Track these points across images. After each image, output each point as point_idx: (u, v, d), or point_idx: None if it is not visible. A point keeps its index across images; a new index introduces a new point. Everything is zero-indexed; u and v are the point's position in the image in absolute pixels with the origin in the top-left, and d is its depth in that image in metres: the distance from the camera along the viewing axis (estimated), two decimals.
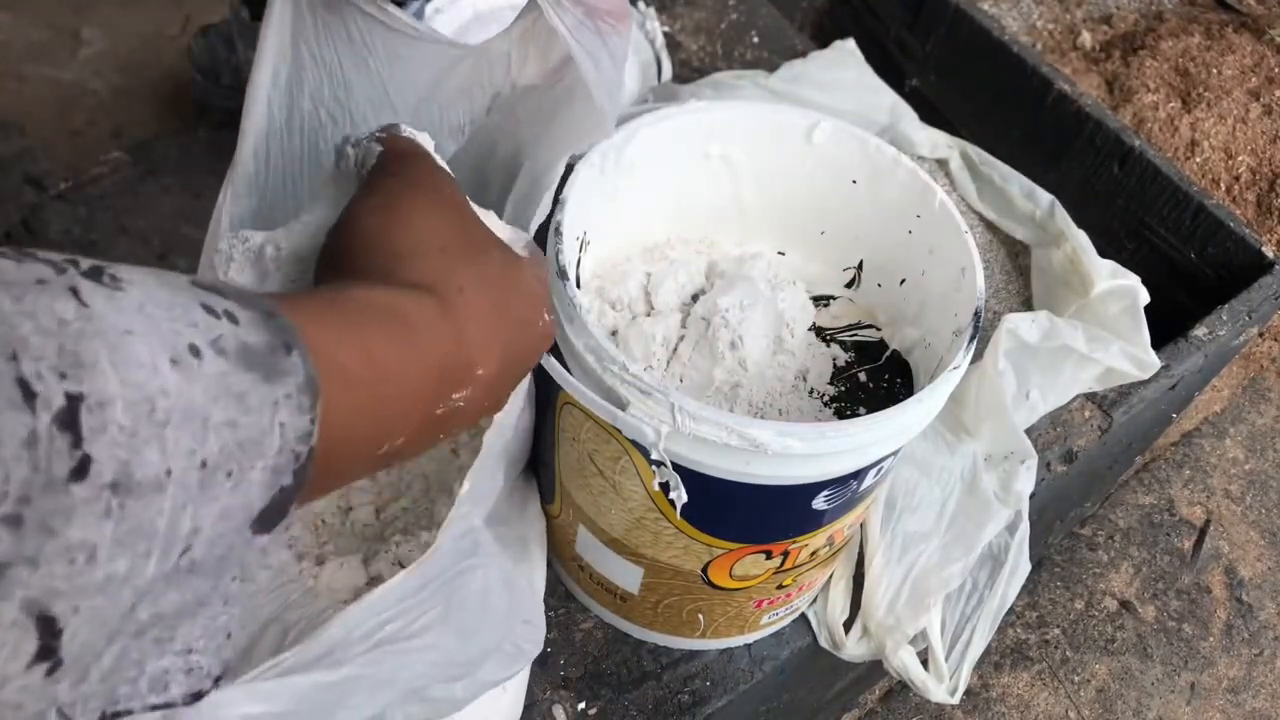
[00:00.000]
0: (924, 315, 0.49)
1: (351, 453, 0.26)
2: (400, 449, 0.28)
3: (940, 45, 0.79)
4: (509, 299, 0.32)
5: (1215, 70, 1.28)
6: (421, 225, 0.32)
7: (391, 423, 0.27)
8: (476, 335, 0.30)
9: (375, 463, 0.28)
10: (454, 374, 0.29)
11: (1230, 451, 1.11)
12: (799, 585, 0.50)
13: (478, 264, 0.32)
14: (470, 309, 0.30)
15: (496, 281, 0.32)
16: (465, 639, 0.36)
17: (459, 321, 0.29)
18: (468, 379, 0.29)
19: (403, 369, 0.27)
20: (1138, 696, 0.94)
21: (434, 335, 0.28)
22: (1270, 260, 0.66)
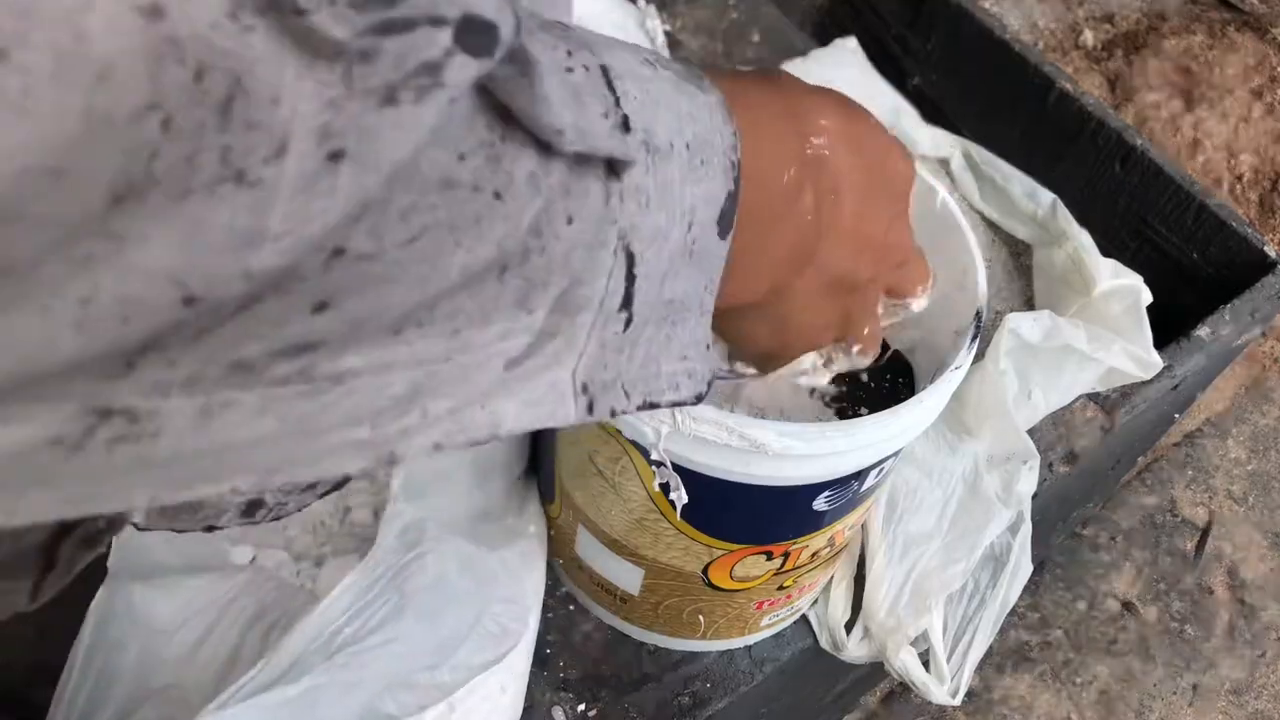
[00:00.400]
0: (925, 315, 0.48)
1: (764, 165, 0.28)
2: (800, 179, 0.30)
3: (942, 44, 0.79)
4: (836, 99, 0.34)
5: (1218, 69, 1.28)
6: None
7: (782, 145, 0.29)
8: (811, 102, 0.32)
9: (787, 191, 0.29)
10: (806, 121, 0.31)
11: (1233, 452, 1.11)
12: (800, 586, 0.50)
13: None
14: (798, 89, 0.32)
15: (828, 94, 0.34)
16: (429, 624, 0.36)
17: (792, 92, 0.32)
18: (818, 129, 0.31)
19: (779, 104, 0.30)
20: (1140, 698, 0.94)
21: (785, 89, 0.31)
22: (1273, 260, 0.66)
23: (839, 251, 0.33)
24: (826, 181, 0.31)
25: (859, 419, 0.38)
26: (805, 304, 0.34)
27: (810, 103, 0.32)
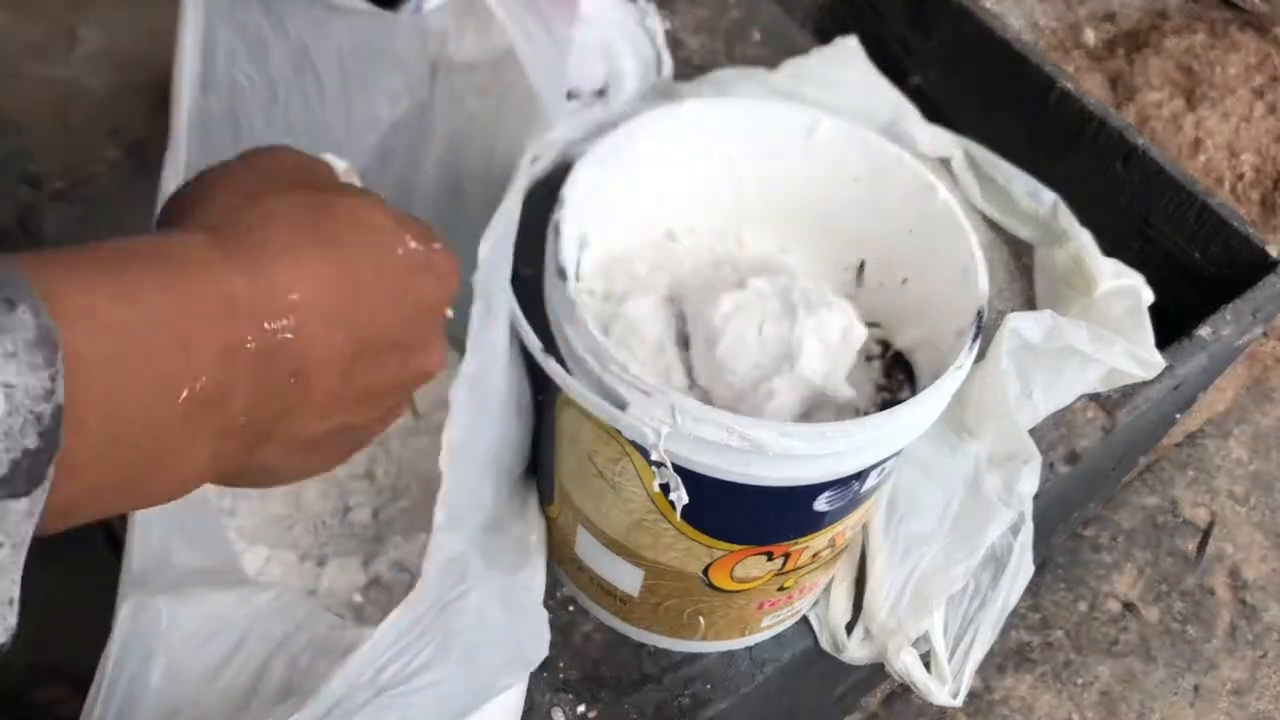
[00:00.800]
0: (926, 315, 0.48)
1: (133, 401, 0.24)
2: (216, 392, 0.25)
3: (943, 43, 0.79)
4: (324, 225, 0.29)
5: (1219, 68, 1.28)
6: (219, 180, 0.30)
7: (173, 362, 0.24)
8: (282, 266, 0.27)
9: (185, 413, 0.25)
10: (256, 304, 0.26)
11: (1234, 452, 1.11)
12: (800, 587, 0.50)
13: (276, 202, 0.29)
14: (268, 242, 0.27)
15: (305, 212, 0.29)
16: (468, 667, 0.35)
17: (248, 254, 0.27)
18: (282, 308, 0.27)
19: (173, 304, 0.25)
20: (1141, 699, 0.94)
21: (209, 270, 0.26)
22: (1275, 259, 0.66)
23: (320, 421, 0.29)
24: (285, 367, 0.27)
25: (860, 419, 0.38)
26: (284, 463, 0.30)
27: (280, 274, 0.27)
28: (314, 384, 0.28)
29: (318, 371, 0.28)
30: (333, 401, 0.29)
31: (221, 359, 0.25)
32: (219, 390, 0.25)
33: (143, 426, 0.24)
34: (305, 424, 0.29)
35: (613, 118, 0.48)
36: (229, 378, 0.26)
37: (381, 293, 0.30)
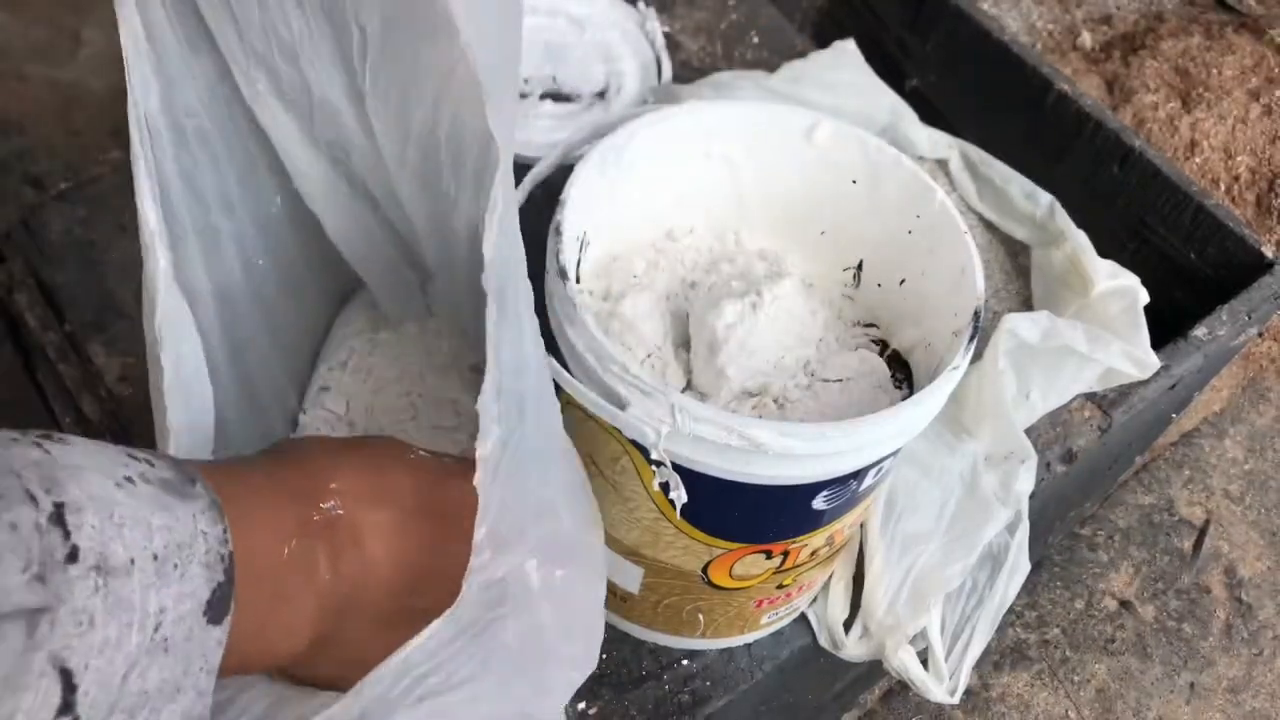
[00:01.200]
0: (924, 315, 0.49)
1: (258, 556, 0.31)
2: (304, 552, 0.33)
3: (940, 45, 0.79)
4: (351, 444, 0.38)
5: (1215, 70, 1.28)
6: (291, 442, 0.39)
7: (274, 524, 0.33)
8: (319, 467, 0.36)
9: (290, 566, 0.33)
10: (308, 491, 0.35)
11: (1230, 452, 1.11)
12: (799, 585, 0.50)
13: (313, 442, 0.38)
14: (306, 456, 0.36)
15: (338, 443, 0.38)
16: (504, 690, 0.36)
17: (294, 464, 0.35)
18: (327, 493, 0.35)
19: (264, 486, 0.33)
20: (1137, 696, 0.94)
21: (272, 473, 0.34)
22: (1270, 260, 0.66)
23: (384, 595, 0.36)
24: (343, 537, 0.34)
25: (858, 419, 0.38)
26: (370, 647, 0.35)
27: (323, 467, 0.35)
28: (369, 549, 0.35)
29: (372, 537, 0.35)
30: (393, 573, 0.36)
31: (300, 526, 0.33)
32: (306, 550, 0.33)
33: (268, 577, 0.32)
34: (376, 596, 0.36)
35: (613, 120, 0.48)
36: (309, 541, 0.33)
37: (406, 484, 0.37)
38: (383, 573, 0.36)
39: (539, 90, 0.75)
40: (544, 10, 0.79)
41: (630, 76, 0.77)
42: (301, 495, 0.34)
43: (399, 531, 0.36)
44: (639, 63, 0.78)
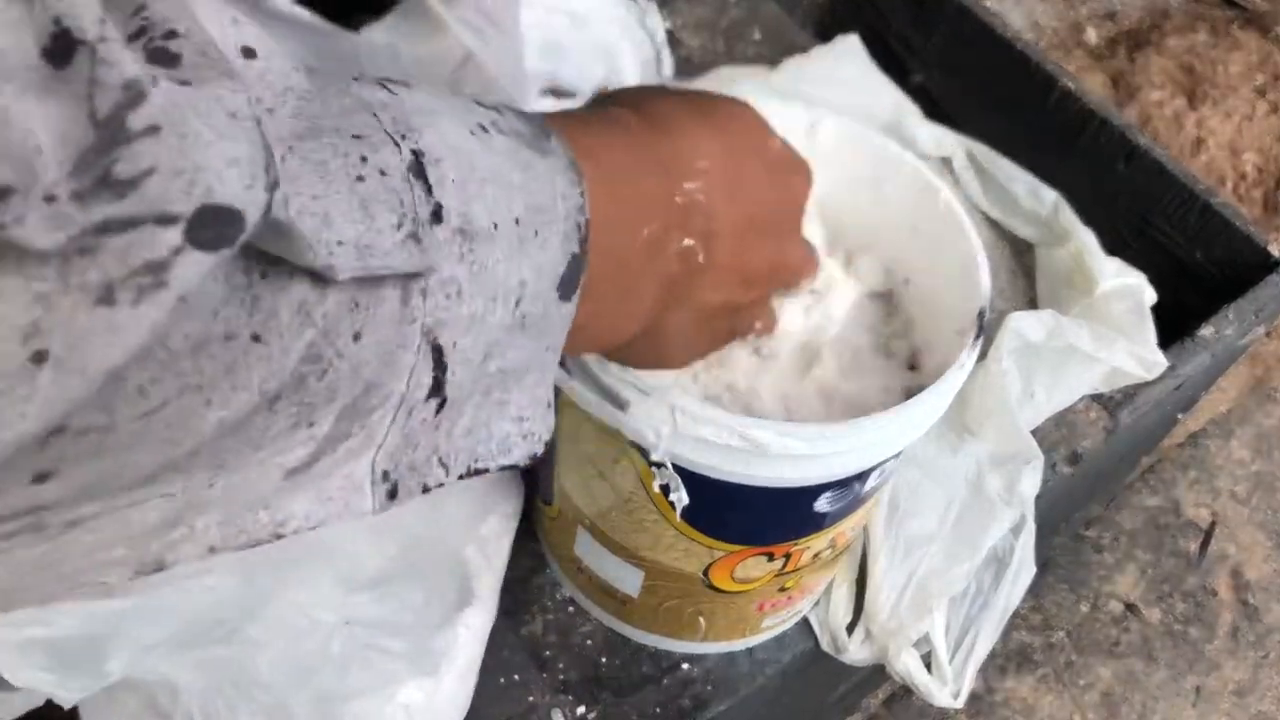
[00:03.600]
0: (928, 314, 0.48)
1: (616, 234, 0.27)
2: (659, 236, 0.29)
3: (944, 42, 0.79)
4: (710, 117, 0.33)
5: (1221, 67, 1.28)
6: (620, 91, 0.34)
7: (636, 204, 0.29)
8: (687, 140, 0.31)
9: (642, 251, 0.29)
10: (676, 166, 0.30)
11: (1236, 453, 1.11)
12: (801, 588, 0.49)
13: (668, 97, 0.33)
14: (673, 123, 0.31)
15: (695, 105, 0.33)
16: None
17: (663, 129, 0.31)
18: (695, 171, 0.31)
19: (631, 158, 0.29)
20: (1143, 700, 0.93)
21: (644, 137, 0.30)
22: (1277, 259, 0.66)
23: (716, 290, 0.33)
24: (699, 226, 0.31)
25: (861, 419, 0.38)
26: (682, 333, 0.34)
27: (688, 144, 0.31)
28: (717, 246, 0.31)
29: (722, 233, 0.31)
30: (727, 270, 0.32)
31: (662, 208, 0.29)
32: (660, 235, 0.29)
33: (621, 258, 0.28)
34: (706, 290, 0.32)
35: None
36: (666, 226, 0.29)
37: (761, 177, 0.33)
38: (721, 269, 0.32)
39: (538, 87, 0.74)
40: (543, 6, 0.79)
41: (631, 73, 0.76)
42: (667, 169, 0.30)
43: (747, 228, 0.32)
44: (639, 59, 0.77)
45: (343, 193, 0.19)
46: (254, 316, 0.18)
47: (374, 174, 0.20)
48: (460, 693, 0.47)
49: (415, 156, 0.21)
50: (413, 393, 0.22)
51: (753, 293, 0.35)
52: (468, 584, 0.49)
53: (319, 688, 0.41)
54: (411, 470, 0.24)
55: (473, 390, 0.24)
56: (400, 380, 0.21)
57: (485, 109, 0.24)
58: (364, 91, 0.21)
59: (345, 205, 0.19)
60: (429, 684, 0.45)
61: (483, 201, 0.22)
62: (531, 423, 0.27)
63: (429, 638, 0.46)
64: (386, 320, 0.20)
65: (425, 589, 0.46)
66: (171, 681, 0.38)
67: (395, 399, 0.21)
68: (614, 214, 0.27)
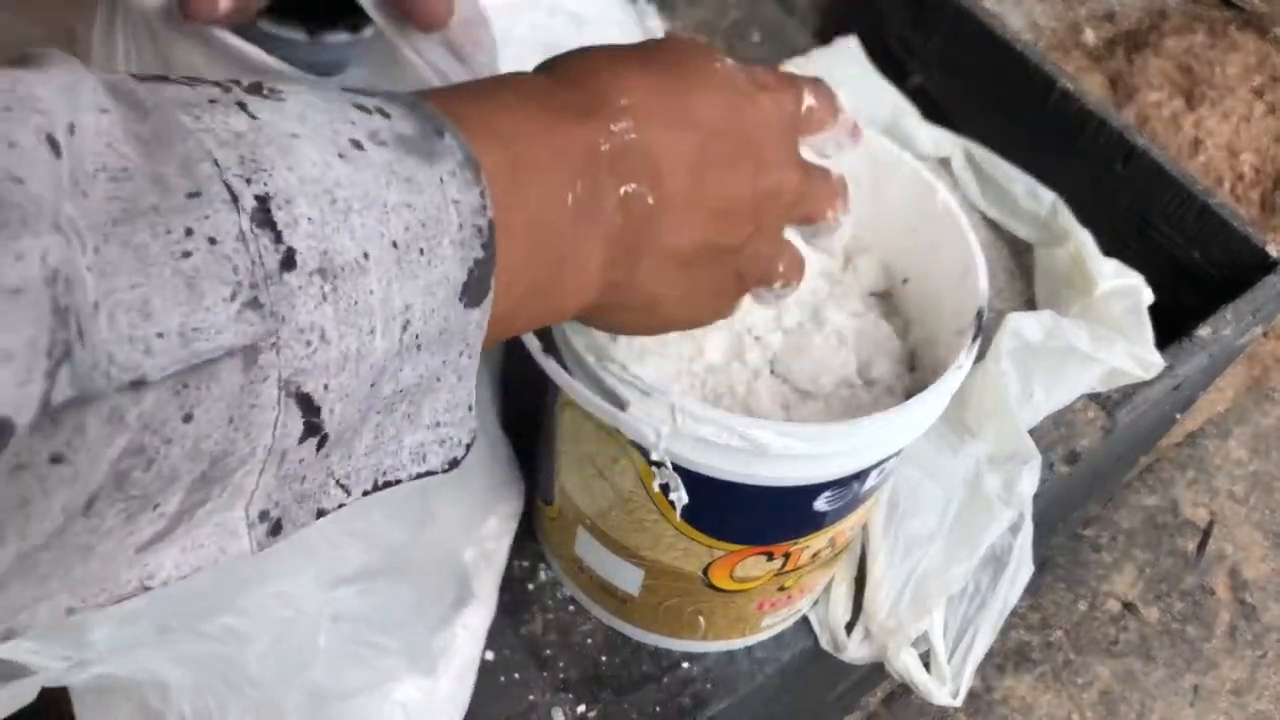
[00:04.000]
0: (926, 314, 0.48)
1: (535, 209, 0.26)
2: (590, 195, 0.27)
3: (943, 43, 0.79)
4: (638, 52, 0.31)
5: (1219, 68, 1.28)
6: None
7: (555, 169, 0.27)
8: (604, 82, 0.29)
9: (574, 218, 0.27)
10: (597, 111, 0.28)
11: (1234, 452, 1.11)
12: (800, 587, 0.50)
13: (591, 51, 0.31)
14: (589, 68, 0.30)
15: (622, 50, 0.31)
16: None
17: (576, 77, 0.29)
18: (617, 111, 0.29)
19: (541, 119, 0.27)
20: (1141, 699, 0.94)
21: (555, 92, 0.28)
22: (1275, 259, 0.66)
23: (681, 231, 0.30)
24: (638, 167, 0.29)
25: (860, 419, 0.38)
26: (663, 287, 0.31)
27: (608, 83, 0.29)
28: (667, 182, 0.29)
29: (669, 169, 0.29)
30: (690, 204, 0.30)
31: (586, 162, 0.27)
32: (592, 193, 0.27)
33: (546, 232, 0.26)
34: (670, 231, 0.30)
35: None
36: (596, 180, 0.28)
37: (710, 100, 0.31)
38: (681, 208, 0.30)
39: None
40: (544, 8, 0.79)
41: None
42: (585, 115, 0.28)
43: (701, 159, 0.30)
44: None
45: (165, 276, 0.18)
46: (53, 440, 0.17)
47: (202, 245, 0.18)
48: (459, 692, 0.47)
49: (260, 203, 0.19)
50: (281, 442, 0.20)
51: (741, 229, 0.32)
52: (467, 584, 0.49)
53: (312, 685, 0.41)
54: (300, 502, 0.23)
55: (366, 413, 0.23)
56: (261, 437, 0.20)
57: (368, 113, 0.22)
58: (215, 124, 0.20)
59: (168, 289, 0.18)
60: (426, 683, 0.45)
61: (348, 233, 0.21)
62: (449, 427, 0.26)
63: (427, 637, 0.46)
64: (225, 393, 0.19)
65: (420, 588, 0.46)
66: (161, 680, 0.38)
67: (260, 454, 0.20)
68: (529, 189, 0.26)
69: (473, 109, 0.26)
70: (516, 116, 0.26)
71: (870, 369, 0.46)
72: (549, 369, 0.40)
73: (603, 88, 0.29)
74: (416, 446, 0.25)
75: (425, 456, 0.25)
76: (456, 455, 0.26)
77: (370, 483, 0.24)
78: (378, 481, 0.25)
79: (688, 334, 0.45)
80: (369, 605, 0.44)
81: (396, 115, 0.23)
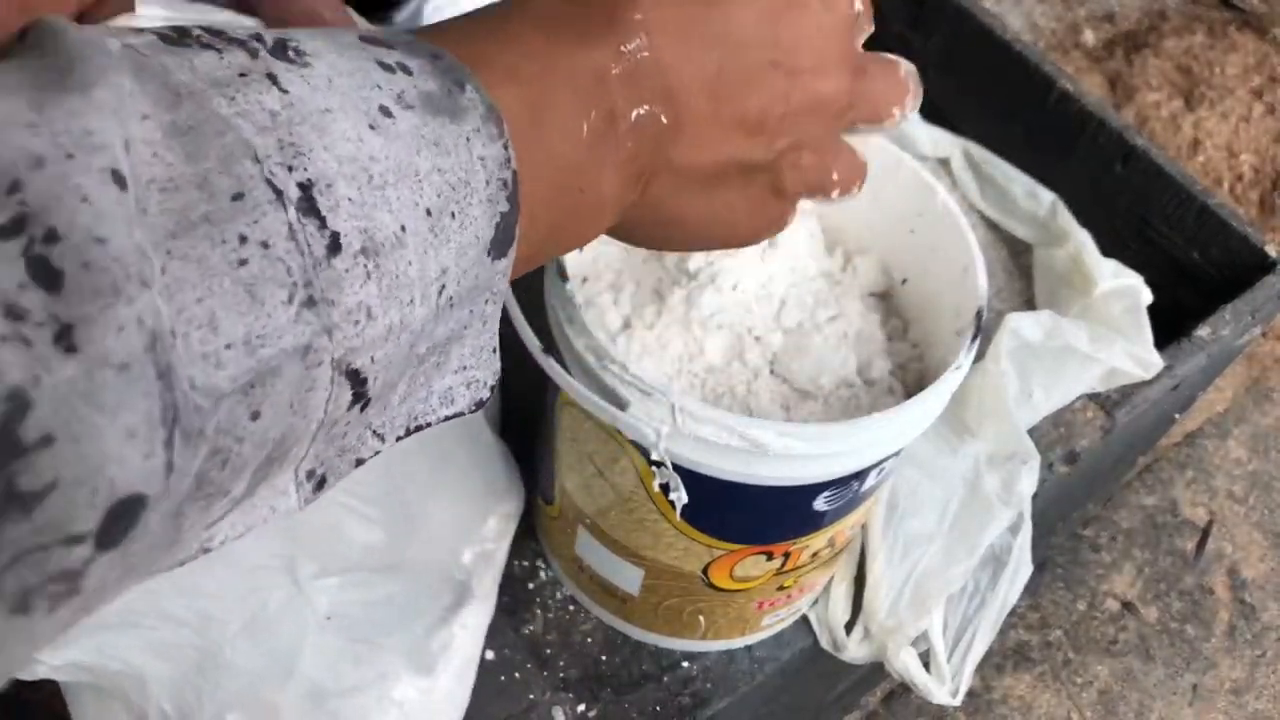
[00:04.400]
0: (926, 315, 0.48)
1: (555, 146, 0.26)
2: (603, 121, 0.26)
3: (942, 43, 0.79)
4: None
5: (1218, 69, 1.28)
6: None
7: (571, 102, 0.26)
8: None
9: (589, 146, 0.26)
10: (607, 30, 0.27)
11: (1233, 452, 1.11)
12: (800, 587, 0.50)
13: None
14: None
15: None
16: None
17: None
18: (630, 28, 0.27)
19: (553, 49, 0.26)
20: (1140, 698, 0.94)
21: (563, 14, 0.27)
22: (1274, 260, 0.66)
23: (701, 148, 0.29)
24: (651, 87, 0.27)
25: (860, 419, 0.38)
26: (688, 206, 0.30)
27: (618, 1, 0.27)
28: (682, 101, 0.28)
29: (683, 87, 0.28)
30: (708, 123, 0.29)
31: (597, 88, 0.26)
32: (605, 119, 0.27)
33: (565, 168, 0.26)
34: (687, 150, 0.29)
35: None
36: (609, 106, 0.27)
37: (740, 6, 0.29)
38: (699, 126, 0.28)
39: None
40: None
41: None
42: (597, 41, 0.27)
43: (722, 74, 0.28)
44: None
45: (225, 286, 0.18)
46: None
47: (256, 251, 0.18)
48: (458, 691, 0.47)
49: (303, 190, 0.19)
50: (332, 414, 0.21)
51: (774, 144, 0.30)
52: (466, 583, 0.49)
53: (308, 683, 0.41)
54: (340, 455, 0.23)
55: (402, 374, 0.23)
56: (315, 414, 0.20)
57: (391, 72, 0.22)
58: (250, 105, 0.19)
59: (230, 299, 0.18)
60: (424, 682, 0.45)
61: (386, 208, 0.21)
62: (475, 370, 0.26)
63: (425, 636, 0.46)
64: (287, 385, 0.19)
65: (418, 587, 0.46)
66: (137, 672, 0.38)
67: (313, 428, 0.21)
68: (547, 128, 0.25)
69: (489, 47, 0.25)
70: (530, 50, 0.26)
71: (870, 369, 0.46)
72: (549, 369, 0.40)
73: (615, 4, 0.27)
74: (445, 391, 0.26)
75: (454, 400, 0.26)
76: (482, 397, 0.26)
77: (403, 429, 0.25)
78: (410, 427, 0.25)
79: (688, 334, 0.45)
80: (366, 604, 0.44)
81: (418, 70, 0.22)
